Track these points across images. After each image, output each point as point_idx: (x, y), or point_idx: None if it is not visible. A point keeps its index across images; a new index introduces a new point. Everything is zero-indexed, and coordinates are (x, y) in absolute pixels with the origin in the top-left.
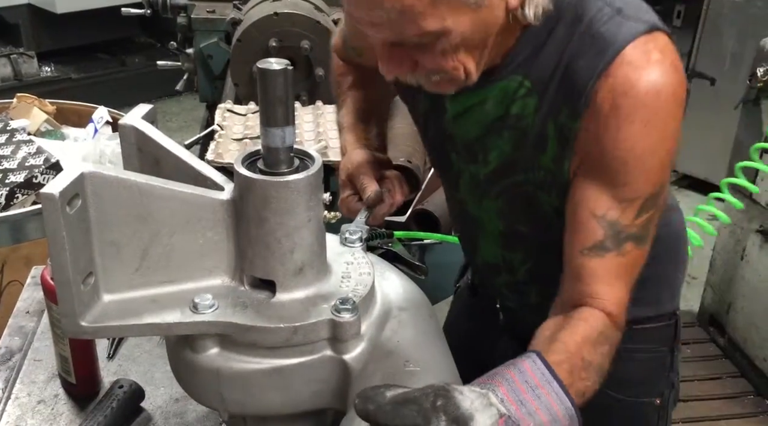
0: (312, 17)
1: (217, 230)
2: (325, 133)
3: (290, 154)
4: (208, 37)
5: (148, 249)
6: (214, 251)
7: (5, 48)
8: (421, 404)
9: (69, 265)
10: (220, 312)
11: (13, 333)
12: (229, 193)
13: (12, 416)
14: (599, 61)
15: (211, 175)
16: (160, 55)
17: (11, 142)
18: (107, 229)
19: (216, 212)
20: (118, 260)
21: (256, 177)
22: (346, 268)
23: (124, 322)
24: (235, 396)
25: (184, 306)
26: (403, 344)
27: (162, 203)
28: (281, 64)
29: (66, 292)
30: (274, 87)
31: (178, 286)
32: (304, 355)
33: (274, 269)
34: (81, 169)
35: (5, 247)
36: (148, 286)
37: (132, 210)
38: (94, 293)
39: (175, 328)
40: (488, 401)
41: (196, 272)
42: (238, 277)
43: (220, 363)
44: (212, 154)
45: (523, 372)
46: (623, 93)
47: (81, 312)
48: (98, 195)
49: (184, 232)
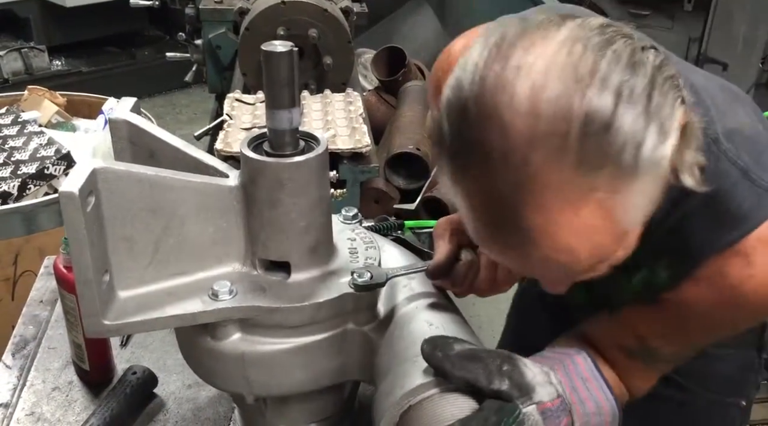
0: (320, 5)
1: (227, 217)
2: (333, 121)
3: (296, 135)
4: (216, 27)
5: (160, 242)
6: (225, 238)
7: (16, 42)
8: (487, 364)
9: (91, 264)
10: (241, 297)
11: (28, 322)
12: (235, 179)
13: (28, 403)
14: (724, 232)
15: (213, 163)
16: (169, 47)
17: (23, 133)
18: (120, 224)
19: (225, 199)
20: (131, 256)
21: (268, 160)
22: (351, 244)
23: (147, 317)
24: (261, 378)
25: (202, 295)
26: (421, 308)
27: (172, 194)
28: (286, 46)
29: (89, 291)
30: (279, 69)
31: (190, 277)
32: (327, 330)
33: (288, 250)
34: (92, 165)
35: (18, 237)
36: (161, 279)
37: (143, 203)
38: (110, 291)
39: (199, 317)
40: (548, 379)
41: (207, 261)
42: (249, 262)
43: (244, 347)
44: (221, 144)
45: (576, 364)
46: (740, 283)
47: (103, 310)
48: (110, 190)
49: (195, 221)
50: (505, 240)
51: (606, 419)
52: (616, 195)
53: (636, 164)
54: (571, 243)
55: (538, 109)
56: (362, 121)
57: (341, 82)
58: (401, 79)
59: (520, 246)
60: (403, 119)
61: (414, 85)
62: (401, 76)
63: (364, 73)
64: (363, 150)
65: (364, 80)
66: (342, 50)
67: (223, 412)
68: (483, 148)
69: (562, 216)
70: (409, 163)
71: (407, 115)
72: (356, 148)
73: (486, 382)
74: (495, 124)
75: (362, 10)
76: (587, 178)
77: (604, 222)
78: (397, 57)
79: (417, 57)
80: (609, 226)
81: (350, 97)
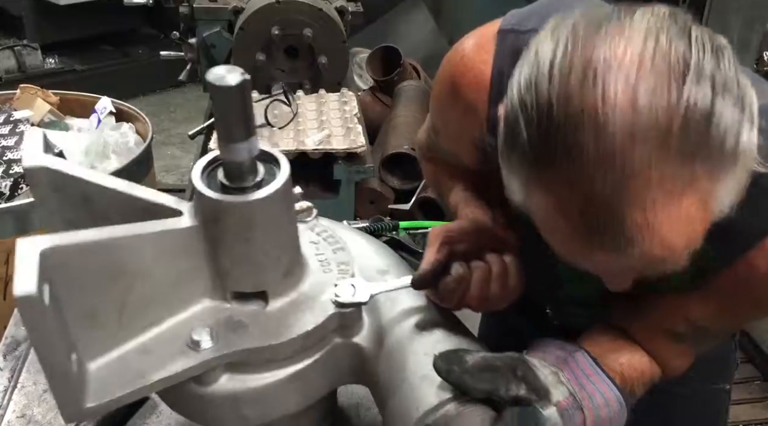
0: (314, 5)
1: (188, 258)
2: (328, 121)
3: (255, 163)
4: (210, 26)
5: (125, 302)
6: (190, 278)
7: (9, 40)
8: (503, 372)
9: (62, 358)
10: (225, 341)
11: (19, 323)
12: (189, 216)
13: (19, 405)
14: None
15: (160, 200)
16: (163, 46)
17: (15, 132)
18: (79, 300)
19: (184, 241)
20: (96, 327)
21: (233, 199)
22: (316, 250)
23: (130, 389)
24: (256, 412)
25: (182, 347)
26: (405, 302)
27: (127, 252)
28: (236, 77)
29: (62, 383)
30: (231, 103)
31: (162, 327)
32: (317, 351)
33: (264, 280)
34: (37, 249)
35: (10, 237)
36: (131, 337)
37: (101, 271)
38: (81, 368)
39: (186, 374)
40: (559, 378)
41: (175, 305)
42: (219, 295)
43: (236, 387)
44: (215, 144)
45: (577, 360)
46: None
47: (81, 395)
48: (63, 269)
49: (156, 272)
50: (602, 244)
51: (614, 409)
52: (717, 184)
53: (736, 152)
54: (672, 237)
55: (635, 103)
56: (357, 121)
57: (336, 82)
58: (396, 78)
59: (618, 248)
60: (398, 119)
61: (409, 85)
62: (396, 75)
63: (359, 72)
64: (358, 150)
65: (359, 80)
66: (337, 50)
67: None
68: (577, 149)
69: (664, 210)
70: (404, 164)
71: (402, 115)
72: (351, 149)
73: (505, 390)
74: (589, 122)
75: (357, 10)
76: (689, 168)
77: (702, 212)
78: (393, 56)
79: (412, 56)
80: (705, 217)
81: (345, 97)
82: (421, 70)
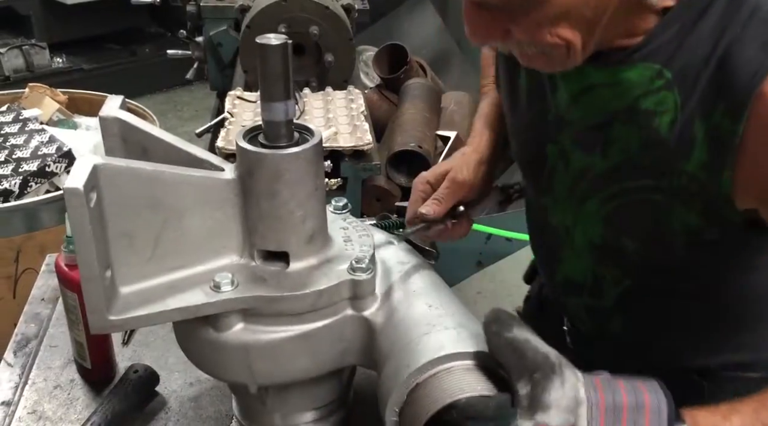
0: (321, 2)
1: (225, 210)
2: (334, 119)
3: (292, 127)
4: (217, 24)
5: (160, 236)
6: (223, 231)
7: (17, 39)
8: (526, 364)
9: (95, 261)
10: (243, 287)
11: (29, 320)
12: (232, 172)
13: (29, 401)
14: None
15: (207, 157)
16: (170, 45)
17: (24, 131)
18: (120, 220)
19: (223, 192)
20: (132, 251)
21: (267, 152)
22: (343, 232)
23: (150, 311)
24: (264, 367)
25: (204, 287)
26: (419, 292)
27: (171, 189)
28: (280, 39)
29: (94, 287)
30: (273, 62)
31: (190, 271)
32: (328, 317)
33: (287, 240)
34: (93, 162)
35: (20, 235)
36: (161, 273)
37: (143, 199)
38: (113, 287)
39: (202, 309)
40: (574, 407)
41: (206, 254)
42: (247, 253)
43: (247, 337)
44: (222, 141)
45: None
46: None
47: (108, 306)
48: (111, 186)
49: (194, 215)
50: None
51: None
52: None
53: None
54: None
55: None
56: (364, 118)
57: (343, 80)
58: (403, 76)
59: None
60: (404, 117)
61: (416, 83)
62: (403, 73)
63: (365, 70)
64: (364, 147)
65: (365, 78)
66: (343, 47)
67: (224, 410)
68: None
69: None
70: (410, 161)
71: (409, 113)
72: (358, 146)
73: (516, 378)
74: None
75: (363, 7)
76: None
77: None
78: (399, 54)
79: (419, 54)
80: None
81: (352, 95)
82: (428, 67)
